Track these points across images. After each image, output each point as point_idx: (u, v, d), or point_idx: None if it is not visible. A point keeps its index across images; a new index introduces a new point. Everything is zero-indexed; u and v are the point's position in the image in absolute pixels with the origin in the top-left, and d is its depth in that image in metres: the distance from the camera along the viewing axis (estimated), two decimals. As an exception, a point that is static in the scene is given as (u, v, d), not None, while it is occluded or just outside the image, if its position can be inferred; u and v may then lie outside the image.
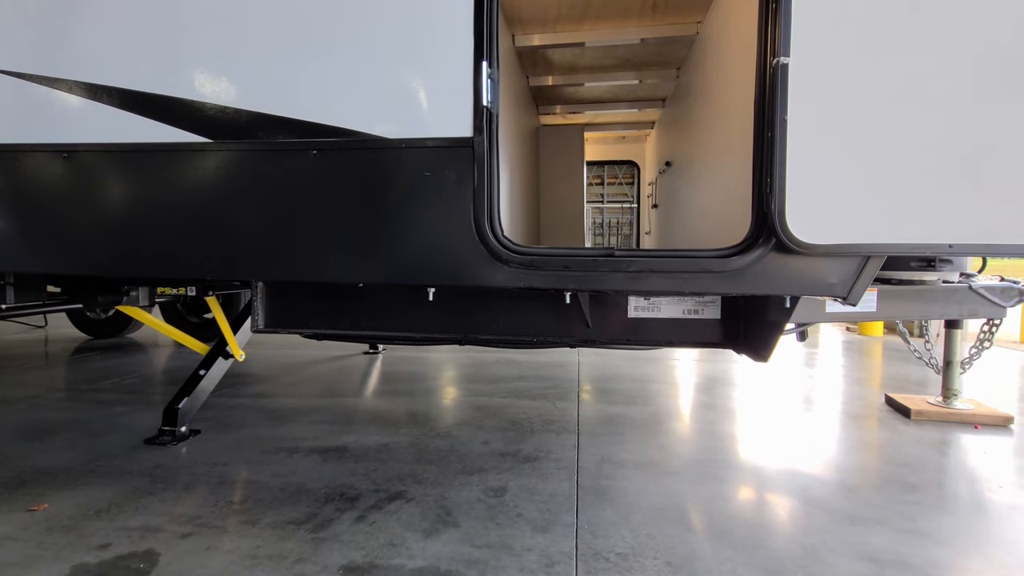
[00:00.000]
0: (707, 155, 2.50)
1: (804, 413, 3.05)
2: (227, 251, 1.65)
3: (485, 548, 1.62)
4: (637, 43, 3.14)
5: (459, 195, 1.48)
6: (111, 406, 3.11)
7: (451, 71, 1.48)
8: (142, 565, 1.52)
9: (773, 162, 1.32)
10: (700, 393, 3.45)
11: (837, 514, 1.87)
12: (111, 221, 1.73)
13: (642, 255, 1.44)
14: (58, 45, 1.72)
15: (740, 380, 3.81)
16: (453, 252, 1.50)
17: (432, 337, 2.07)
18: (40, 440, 2.52)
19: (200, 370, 2.72)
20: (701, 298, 1.86)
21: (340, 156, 1.55)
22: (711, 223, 2.40)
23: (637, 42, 3.13)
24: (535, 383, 3.70)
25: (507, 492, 2.00)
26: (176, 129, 1.62)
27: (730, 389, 3.55)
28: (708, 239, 2.45)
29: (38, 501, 1.89)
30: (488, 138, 1.46)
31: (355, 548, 1.61)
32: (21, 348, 5.08)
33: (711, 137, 2.43)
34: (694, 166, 2.83)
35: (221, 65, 1.61)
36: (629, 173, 15.41)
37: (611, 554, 1.60)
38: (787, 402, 3.26)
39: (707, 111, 2.52)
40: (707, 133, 2.51)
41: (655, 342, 1.96)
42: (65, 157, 1.70)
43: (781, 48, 1.29)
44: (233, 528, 1.72)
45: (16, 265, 1.84)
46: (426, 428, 2.72)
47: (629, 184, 15.69)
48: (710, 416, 2.96)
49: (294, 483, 2.07)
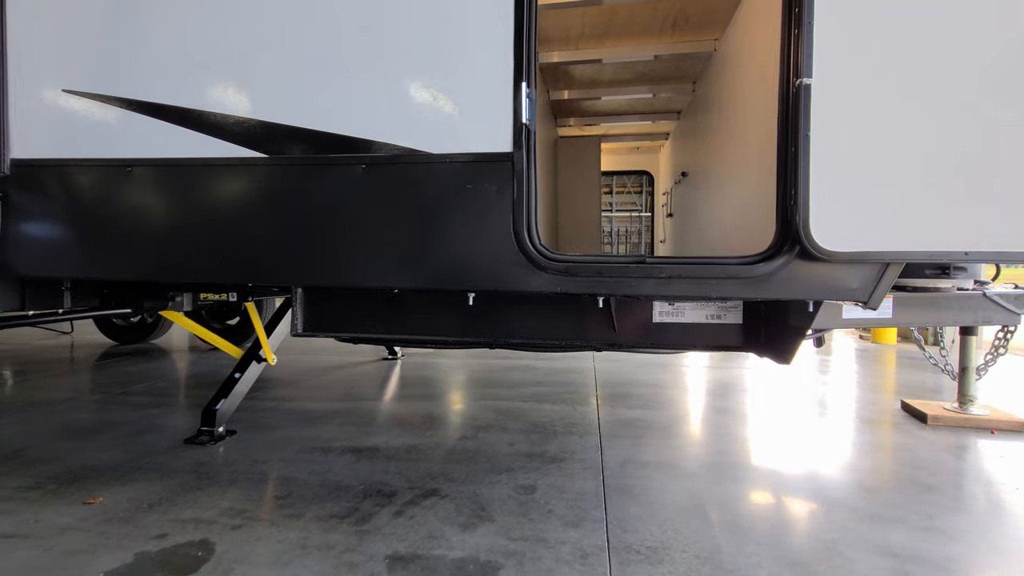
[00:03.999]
0: (724, 166, 2.59)
1: (820, 418, 3.10)
2: (278, 258, 1.76)
3: (521, 541, 1.70)
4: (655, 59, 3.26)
5: (499, 206, 1.59)
6: (146, 408, 3.23)
7: (492, 91, 1.59)
8: (200, 553, 1.61)
9: (797, 175, 1.41)
10: (714, 398, 3.51)
11: (856, 513, 1.93)
12: (169, 230, 1.85)
13: (672, 262, 1.53)
14: (122, 67, 1.85)
15: (753, 386, 3.87)
16: (493, 259, 1.60)
17: (464, 340, 2.17)
18: (85, 439, 2.64)
19: (235, 373, 2.83)
20: (724, 303, 1.94)
21: (387, 170, 1.66)
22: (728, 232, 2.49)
23: (652, 59, 3.24)
24: (553, 388, 3.78)
25: (536, 490, 2.08)
26: (233, 145, 1.74)
27: (744, 395, 3.61)
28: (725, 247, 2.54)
29: (93, 495, 2.00)
30: (526, 153, 1.56)
31: (397, 540, 1.70)
32: (51, 353, 5.23)
33: (728, 149, 2.52)
34: (710, 177, 2.93)
35: (277, 86, 1.73)
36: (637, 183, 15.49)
37: (641, 547, 1.67)
38: (802, 407, 3.32)
39: (724, 124, 2.62)
40: (724, 145, 2.61)
41: (679, 346, 2.04)
42: (128, 171, 1.83)
43: (804, 69, 1.39)
44: (280, 521, 1.82)
45: (75, 271, 1.96)
46: (451, 430, 2.81)
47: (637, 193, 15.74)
48: (725, 420, 3.03)
49: (331, 480, 2.16)
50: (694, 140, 3.56)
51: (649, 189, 15.05)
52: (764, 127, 1.94)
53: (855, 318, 2.17)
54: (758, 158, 1.99)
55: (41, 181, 1.91)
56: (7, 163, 1.89)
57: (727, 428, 2.89)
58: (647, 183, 16.62)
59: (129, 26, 1.83)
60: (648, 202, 16.15)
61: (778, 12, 1.58)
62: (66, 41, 1.88)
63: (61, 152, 1.89)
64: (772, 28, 1.79)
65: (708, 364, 4.67)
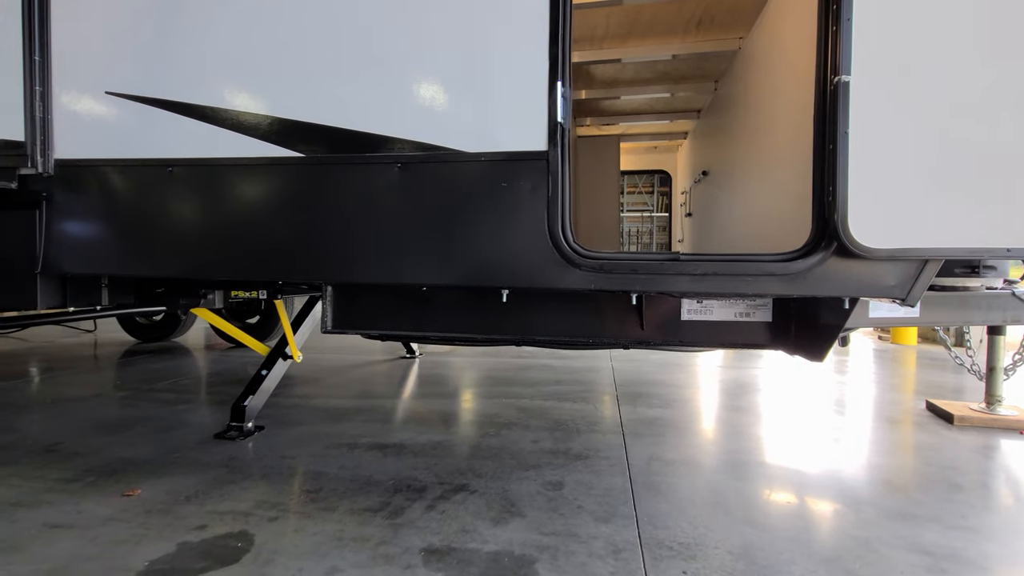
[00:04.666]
0: (749, 164, 2.59)
1: (843, 418, 3.09)
2: (313, 256, 1.80)
3: (553, 535, 1.72)
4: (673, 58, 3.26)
5: (534, 204, 1.61)
6: (173, 404, 3.29)
7: (527, 90, 1.61)
8: (240, 544, 1.65)
9: (835, 172, 1.41)
10: (733, 398, 3.50)
11: (887, 511, 1.93)
12: (206, 229, 1.90)
13: (707, 259, 1.54)
14: (162, 69, 1.90)
15: (771, 386, 3.85)
16: (527, 256, 1.62)
17: (491, 338, 2.19)
18: (117, 434, 2.69)
19: (262, 370, 2.87)
20: (753, 301, 1.95)
21: (423, 168, 1.68)
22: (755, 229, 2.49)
23: (670, 58, 3.24)
24: (572, 387, 3.79)
25: (564, 486, 2.10)
26: (270, 144, 1.78)
27: (763, 394, 3.60)
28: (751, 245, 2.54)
29: (131, 487, 2.05)
30: (561, 151, 1.58)
31: (431, 533, 1.73)
32: (75, 351, 5.33)
33: (754, 147, 2.52)
34: (734, 175, 2.93)
35: (314, 86, 1.77)
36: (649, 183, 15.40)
37: (673, 543, 1.68)
38: (823, 407, 3.30)
39: (749, 122, 2.62)
40: (749, 143, 2.61)
41: (706, 344, 2.05)
42: (167, 171, 1.87)
43: (842, 67, 1.39)
44: (315, 514, 1.85)
45: (114, 268, 2.01)
46: (475, 428, 2.83)
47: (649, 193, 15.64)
48: (746, 419, 3.02)
49: (361, 475, 2.19)
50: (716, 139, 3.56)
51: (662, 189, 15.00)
52: (794, 124, 1.94)
53: (882, 317, 2.16)
54: (788, 155, 1.99)
55: (83, 181, 1.96)
56: (51, 163, 1.95)
57: (749, 427, 2.88)
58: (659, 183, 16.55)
59: (169, 29, 1.88)
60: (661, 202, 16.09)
61: (811, 9, 1.58)
62: (108, 45, 1.93)
63: (103, 152, 1.94)
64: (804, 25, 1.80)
65: (724, 364, 4.66)
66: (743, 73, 2.82)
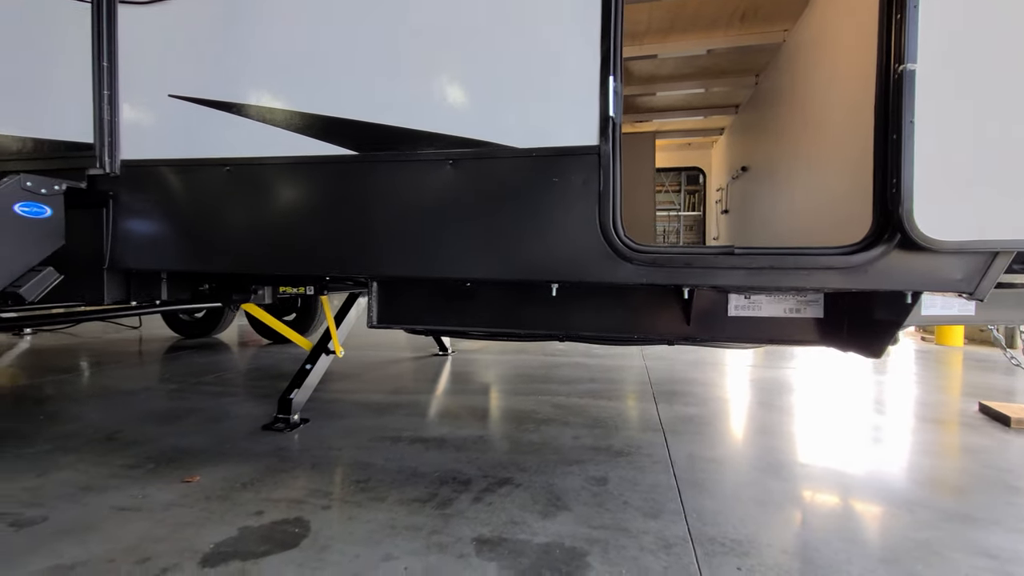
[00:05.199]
0: (796, 158, 2.54)
1: (889, 419, 3.00)
2: (365, 251, 1.84)
3: (601, 529, 1.73)
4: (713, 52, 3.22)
5: (585, 198, 1.61)
6: (220, 397, 3.40)
7: (578, 85, 1.62)
8: (297, 530, 1.70)
9: (900, 162, 1.38)
10: (772, 397, 3.44)
11: (945, 513, 1.87)
12: (262, 225, 1.96)
13: (763, 252, 1.52)
14: (221, 72, 1.97)
15: (810, 386, 3.77)
16: (578, 250, 1.63)
17: (535, 333, 2.20)
18: (170, 424, 2.80)
19: (306, 364, 2.95)
20: (803, 297, 1.91)
21: (474, 165, 1.71)
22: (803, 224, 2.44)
23: (705, 53, 3.20)
24: (607, 385, 3.78)
25: (609, 482, 2.10)
26: (325, 143, 1.83)
27: (802, 395, 3.53)
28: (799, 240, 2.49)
29: (190, 474, 2.13)
30: (612, 145, 1.59)
31: (480, 524, 1.75)
32: (123, 346, 5.56)
33: (801, 141, 2.48)
34: (778, 170, 2.88)
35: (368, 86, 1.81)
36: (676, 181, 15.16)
37: (725, 540, 1.67)
38: (868, 408, 3.21)
39: (795, 115, 2.57)
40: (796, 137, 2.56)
41: (755, 340, 2.02)
42: (225, 170, 1.94)
43: (908, 55, 1.36)
44: (365, 503, 1.90)
45: (175, 264, 2.09)
46: (514, 423, 2.85)
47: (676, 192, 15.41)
48: (787, 420, 2.97)
49: (407, 467, 2.23)
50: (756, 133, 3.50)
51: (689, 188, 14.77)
52: (847, 116, 1.90)
53: (935, 315, 2.10)
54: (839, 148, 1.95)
55: (147, 180, 2.05)
56: (118, 164, 2.04)
57: (789, 427, 2.83)
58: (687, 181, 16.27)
59: (226, 34, 1.95)
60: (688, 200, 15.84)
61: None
62: (169, 50, 2.02)
63: (165, 153, 2.02)
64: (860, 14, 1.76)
65: (757, 363, 4.58)
66: (788, 66, 2.77)
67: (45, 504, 1.86)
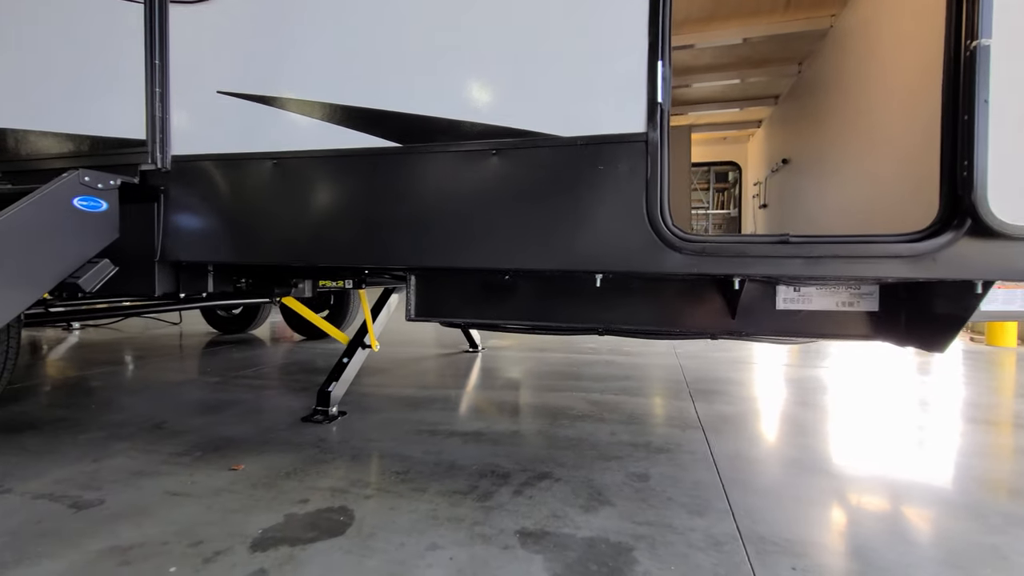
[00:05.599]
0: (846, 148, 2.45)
1: (941, 421, 2.87)
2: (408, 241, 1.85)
3: (646, 525, 1.69)
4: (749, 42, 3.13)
5: (632, 186, 1.58)
6: (259, 390, 3.48)
7: (625, 71, 1.59)
8: (342, 518, 1.72)
9: (972, 144, 1.30)
10: (814, 396, 3.33)
11: (1011, 517, 1.77)
12: (306, 218, 1.99)
13: (822, 240, 1.47)
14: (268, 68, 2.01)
15: (853, 386, 3.63)
16: (625, 240, 1.60)
17: (574, 326, 2.18)
18: (213, 415, 2.88)
19: (344, 358, 2.99)
20: (857, 289, 1.84)
21: (518, 155, 1.70)
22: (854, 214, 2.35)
23: (741, 42, 3.12)
24: (641, 383, 3.72)
25: (650, 478, 2.06)
26: (370, 136, 1.85)
27: (847, 395, 3.41)
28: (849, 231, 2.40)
29: (235, 462, 2.18)
30: (660, 133, 1.55)
31: (522, 517, 1.74)
32: (165, 341, 5.75)
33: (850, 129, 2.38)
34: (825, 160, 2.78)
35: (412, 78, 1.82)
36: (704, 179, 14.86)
37: (777, 539, 1.61)
38: (916, 409, 3.08)
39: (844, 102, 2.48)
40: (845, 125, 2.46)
41: (804, 335, 1.95)
42: (272, 164, 1.98)
43: (981, 30, 1.29)
44: (406, 494, 1.90)
45: (223, 256, 2.14)
46: (549, 419, 2.83)
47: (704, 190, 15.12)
48: (832, 420, 2.86)
49: (445, 460, 2.23)
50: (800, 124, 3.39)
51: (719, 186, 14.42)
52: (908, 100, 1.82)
53: (997, 310, 1.99)
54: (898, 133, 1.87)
55: (196, 175, 2.11)
56: (168, 159, 2.11)
57: (835, 427, 2.73)
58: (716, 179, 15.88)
59: (275, 30, 1.99)
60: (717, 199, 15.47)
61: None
62: (219, 48, 2.07)
63: (213, 148, 2.07)
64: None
65: (795, 362, 4.44)
66: (835, 52, 2.67)
67: (102, 488, 1.92)
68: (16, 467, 2.11)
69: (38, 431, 2.57)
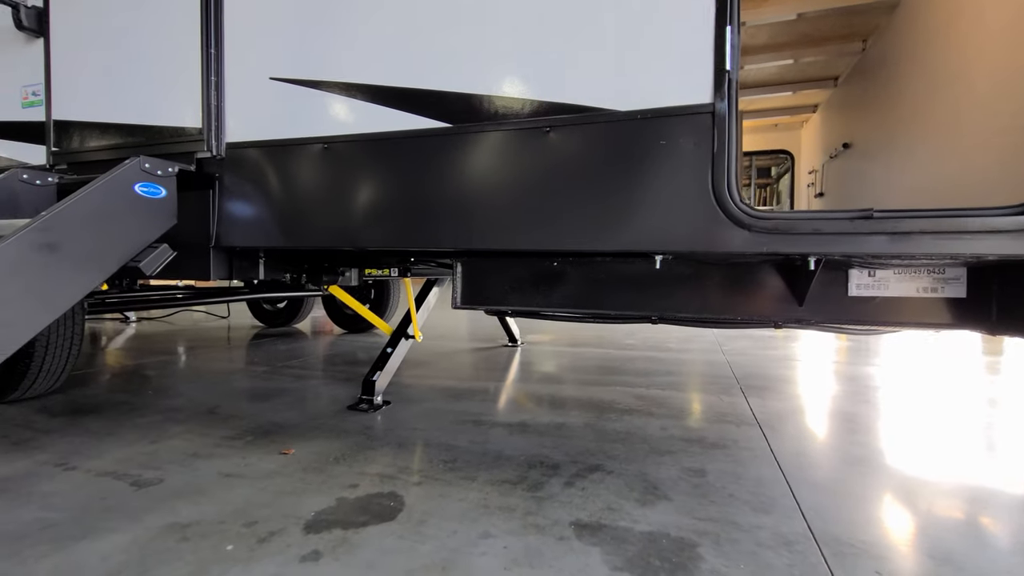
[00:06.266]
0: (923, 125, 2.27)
1: (1017, 421, 2.64)
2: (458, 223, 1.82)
3: (708, 521, 1.60)
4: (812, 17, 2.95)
5: (696, 161, 1.50)
6: (305, 379, 3.53)
7: (690, 38, 1.50)
8: (392, 504, 1.70)
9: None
10: (875, 394, 3.13)
11: (1124, 529, 1.59)
12: (357, 201, 1.98)
13: (909, 215, 1.34)
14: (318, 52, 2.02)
15: (919, 384, 3.40)
16: (687, 218, 1.52)
17: (625, 314, 2.10)
18: (262, 402, 2.93)
19: (387, 348, 2.99)
20: (942, 273, 1.69)
21: (573, 132, 1.64)
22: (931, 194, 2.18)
23: (795, 17, 2.94)
24: (687, 378, 3.60)
25: (708, 474, 1.96)
26: (419, 117, 1.82)
27: (910, 393, 3.18)
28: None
29: (286, 447, 2.20)
30: (728, 103, 1.46)
31: (576, 508, 1.67)
32: (214, 333, 5.94)
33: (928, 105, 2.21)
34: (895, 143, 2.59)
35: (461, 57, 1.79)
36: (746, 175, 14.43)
37: (854, 540, 1.50)
38: (988, 408, 2.84)
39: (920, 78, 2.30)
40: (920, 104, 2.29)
41: (879, 323, 1.81)
42: (323, 148, 1.98)
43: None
44: (455, 482, 1.87)
45: (274, 241, 2.16)
46: (595, 412, 2.75)
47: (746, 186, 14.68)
48: (898, 419, 2.67)
49: (491, 450, 2.19)
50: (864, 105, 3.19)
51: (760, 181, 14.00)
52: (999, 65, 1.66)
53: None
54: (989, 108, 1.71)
55: (249, 161, 2.13)
56: (223, 146, 2.14)
57: (901, 426, 2.55)
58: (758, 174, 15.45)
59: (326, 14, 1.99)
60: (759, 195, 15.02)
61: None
62: (271, 34, 2.09)
63: (265, 134, 2.10)
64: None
65: (845, 360, 4.20)
66: (910, 25, 2.48)
67: (160, 467, 1.97)
68: (81, 446, 2.19)
69: (100, 414, 2.67)
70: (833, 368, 3.97)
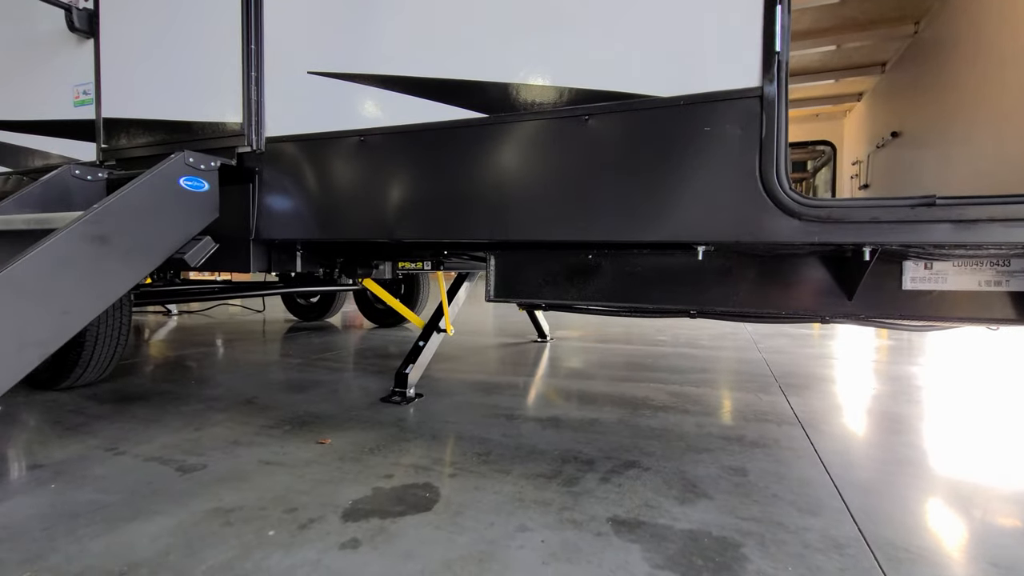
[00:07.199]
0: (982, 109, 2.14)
1: (1097, 426, 2.47)
2: (497, 215, 1.80)
3: (752, 521, 1.55)
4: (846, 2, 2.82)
5: (743, 148, 1.44)
6: (338, 371, 3.59)
7: (737, 19, 1.45)
8: (428, 495, 1.70)
9: None
10: (923, 395, 2.98)
11: None
12: (393, 193, 1.99)
13: (979, 202, 1.26)
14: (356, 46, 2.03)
15: (967, 385, 3.22)
16: (734, 207, 1.46)
17: (664, 308, 2.05)
18: (298, 393, 2.99)
19: (420, 341, 3.01)
20: (1007, 266, 1.59)
21: (612, 119, 1.60)
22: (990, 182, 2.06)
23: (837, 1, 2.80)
24: (722, 376, 3.51)
25: (749, 473, 1.90)
26: (455, 108, 1.81)
27: (955, 394, 3.02)
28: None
29: (322, 436, 2.23)
30: (778, 86, 1.40)
31: (613, 504, 1.64)
32: (250, 327, 6.11)
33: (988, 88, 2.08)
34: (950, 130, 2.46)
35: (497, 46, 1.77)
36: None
37: (908, 546, 1.42)
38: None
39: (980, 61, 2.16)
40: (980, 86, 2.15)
41: (935, 318, 1.72)
42: (360, 140, 2.00)
43: None
44: (489, 474, 1.86)
45: (312, 233, 2.19)
46: (628, 408, 2.71)
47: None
48: (948, 420, 2.54)
49: (525, 444, 2.18)
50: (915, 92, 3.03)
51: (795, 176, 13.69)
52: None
53: None
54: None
55: (287, 155, 2.17)
56: (263, 141, 2.18)
57: (946, 427, 2.42)
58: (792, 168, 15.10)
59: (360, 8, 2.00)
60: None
61: None
62: (309, 29, 2.12)
63: (304, 128, 2.13)
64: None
65: (887, 360, 4.02)
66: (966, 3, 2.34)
67: (204, 454, 2.02)
68: (129, 432, 2.27)
69: (146, 402, 2.77)
70: (875, 367, 3.82)
